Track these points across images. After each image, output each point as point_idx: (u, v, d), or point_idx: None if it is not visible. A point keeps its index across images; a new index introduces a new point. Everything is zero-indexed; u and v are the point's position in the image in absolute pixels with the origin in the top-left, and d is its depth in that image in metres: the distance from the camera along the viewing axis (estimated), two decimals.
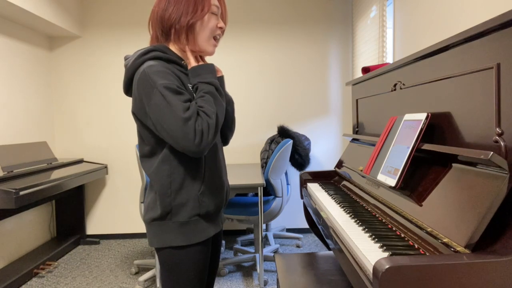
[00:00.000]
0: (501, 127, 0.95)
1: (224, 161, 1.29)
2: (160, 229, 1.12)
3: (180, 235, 1.11)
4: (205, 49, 1.18)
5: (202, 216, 1.14)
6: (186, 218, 1.11)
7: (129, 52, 3.66)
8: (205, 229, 1.14)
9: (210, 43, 1.18)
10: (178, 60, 1.16)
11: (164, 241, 1.11)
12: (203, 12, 1.14)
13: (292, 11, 3.67)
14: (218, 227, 1.21)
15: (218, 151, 1.22)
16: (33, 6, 2.82)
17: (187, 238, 1.11)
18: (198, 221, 1.13)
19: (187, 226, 1.11)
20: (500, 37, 0.94)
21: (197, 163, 1.13)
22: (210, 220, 1.17)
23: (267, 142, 3.40)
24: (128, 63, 1.15)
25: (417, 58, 1.35)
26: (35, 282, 2.75)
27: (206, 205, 1.14)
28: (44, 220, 3.45)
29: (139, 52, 1.13)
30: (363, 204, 1.49)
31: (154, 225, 1.13)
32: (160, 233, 1.12)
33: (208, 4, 1.15)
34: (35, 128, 3.37)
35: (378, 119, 1.83)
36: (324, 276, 1.66)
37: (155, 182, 1.12)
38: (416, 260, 0.80)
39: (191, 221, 1.12)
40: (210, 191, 1.16)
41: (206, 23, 1.15)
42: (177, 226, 1.11)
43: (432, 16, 1.99)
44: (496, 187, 0.85)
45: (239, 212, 2.76)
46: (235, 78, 3.70)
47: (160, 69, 1.06)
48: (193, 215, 1.12)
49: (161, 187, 1.11)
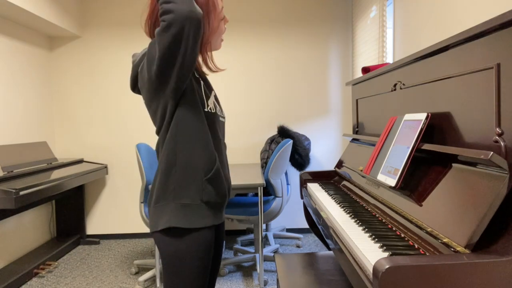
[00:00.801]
0: (501, 127, 0.95)
1: (227, 157, 1.32)
2: (162, 210, 1.11)
3: (182, 217, 1.09)
4: (215, 48, 1.26)
5: (205, 203, 1.13)
6: (189, 201, 1.10)
7: (128, 52, 3.66)
8: (206, 217, 1.13)
9: (219, 42, 1.25)
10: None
11: (166, 221, 1.09)
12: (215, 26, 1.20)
13: (292, 11, 3.67)
14: (220, 220, 1.20)
15: (222, 147, 1.24)
16: (33, 6, 2.82)
17: (188, 221, 1.09)
18: (201, 206, 1.12)
19: (189, 208, 1.10)
20: (500, 37, 0.94)
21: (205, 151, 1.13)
22: (213, 210, 1.16)
23: (267, 142, 3.40)
24: (135, 60, 1.18)
25: (417, 58, 1.35)
26: (35, 282, 2.75)
27: (209, 193, 1.13)
28: (44, 220, 3.45)
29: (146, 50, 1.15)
30: (363, 204, 1.49)
31: (157, 207, 1.12)
32: (162, 214, 1.10)
33: (219, 15, 1.20)
34: (35, 128, 3.37)
35: (378, 119, 1.83)
36: (324, 276, 1.66)
37: (161, 161, 1.12)
38: (416, 260, 0.80)
39: (193, 205, 1.11)
40: (216, 181, 1.15)
41: (219, 31, 1.23)
42: (179, 207, 1.10)
43: (432, 16, 1.99)
44: (496, 187, 0.85)
45: (239, 212, 2.76)
46: (235, 78, 3.70)
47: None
48: (196, 199, 1.11)
49: (166, 165, 1.11)
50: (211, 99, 1.21)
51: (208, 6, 1.16)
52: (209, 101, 1.18)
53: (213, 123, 1.18)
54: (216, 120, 1.20)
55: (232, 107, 3.72)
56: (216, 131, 1.19)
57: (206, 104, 1.16)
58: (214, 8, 1.17)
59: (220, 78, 3.70)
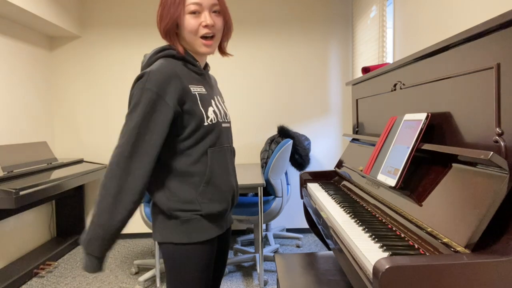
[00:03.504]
0: (501, 127, 0.95)
1: (233, 163, 1.27)
2: (163, 224, 1.14)
3: (181, 233, 1.11)
4: (195, 50, 1.17)
5: (204, 216, 1.14)
6: (187, 216, 1.12)
7: (128, 52, 3.66)
8: (207, 230, 1.14)
9: (198, 43, 1.14)
10: (191, 60, 1.17)
11: (166, 236, 1.13)
12: (173, 17, 1.11)
13: (292, 11, 3.67)
14: (222, 229, 1.20)
15: (226, 153, 1.21)
16: (33, 6, 2.82)
17: (187, 236, 1.11)
18: (200, 220, 1.13)
19: (188, 224, 1.12)
20: (500, 37, 0.94)
21: (198, 163, 1.13)
22: (213, 221, 1.16)
23: (267, 142, 3.40)
24: (144, 61, 1.18)
25: (417, 58, 1.35)
26: (35, 282, 2.75)
27: (207, 206, 1.13)
28: (44, 220, 3.45)
29: (154, 50, 1.16)
30: (363, 204, 1.49)
31: (158, 219, 1.15)
32: (162, 228, 1.14)
33: (179, 6, 1.11)
34: (35, 128, 3.37)
35: (378, 119, 1.83)
36: (324, 276, 1.66)
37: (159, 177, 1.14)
38: (416, 260, 0.80)
39: (192, 220, 1.12)
40: (213, 193, 1.14)
41: (184, 26, 1.12)
42: (178, 223, 1.12)
43: (432, 16, 1.99)
44: (496, 187, 0.85)
45: (239, 212, 2.76)
46: (235, 78, 3.70)
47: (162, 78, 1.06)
48: (194, 214, 1.12)
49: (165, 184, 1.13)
50: (211, 108, 1.16)
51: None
52: (208, 113, 1.14)
53: (213, 133, 1.15)
54: (217, 129, 1.16)
55: (232, 107, 3.72)
56: (217, 140, 1.16)
57: (206, 117, 1.13)
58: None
59: (220, 78, 3.70)
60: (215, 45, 1.18)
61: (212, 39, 1.15)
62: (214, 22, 1.13)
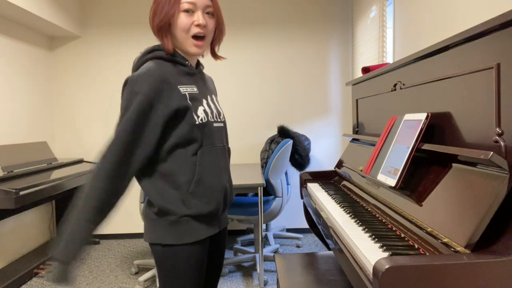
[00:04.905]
0: (501, 127, 0.95)
1: (226, 163, 1.25)
2: (153, 224, 1.14)
3: (169, 234, 1.12)
4: (186, 50, 1.16)
5: (193, 217, 1.13)
6: (176, 217, 1.12)
7: (128, 52, 3.66)
8: (196, 230, 1.13)
9: (188, 43, 1.13)
10: (181, 60, 1.17)
11: (155, 237, 1.13)
12: (167, 14, 1.10)
13: (292, 11, 3.67)
14: (214, 229, 1.19)
15: (218, 153, 1.19)
16: (33, 6, 2.82)
17: (176, 238, 1.11)
18: (189, 221, 1.12)
19: (177, 225, 1.12)
20: (500, 37, 0.94)
21: (188, 164, 1.13)
22: (204, 222, 1.15)
23: (267, 142, 3.40)
24: (134, 61, 1.19)
25: (417, 58, 1.35)
26: (35, 282, 2.75)
27: (195, 206, 1.12)
28: (44, 220, 3.45)
29: (143, 52, 1.16)
30: (363, 204, 1.49)
31: (148, 220, 1.16)
32: (152, 229, 1.14)
33: (174, 4, 1.10)
34: (35, 128, 3.37)
35: (378, 119, 1.83)
36: (324, 276, 1.66)
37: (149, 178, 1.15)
38: (416, 260, 0.80)
39: (181, 221, 1.12)
40: (203, 193, 1.13)
41: (177, 23, 1.11)
42: (167, 224, 1.12)
43: (432, 16, 1.99)
44: (496, 187, 0.85)
45: (239, 212, 2.76)
46: (235, 78, 3.70)
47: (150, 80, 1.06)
48: (182, 215, 1.12)
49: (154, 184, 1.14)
50: (202, 107, 1.16)
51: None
52: (198, 112, 1.13)
53: (203, 133, 1.14)
54: (207, 129, 1.16)
55: (232, 107, 3.72)
56: (207, 140, 1.16)
57: (196, 116, 1.12)
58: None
59: (220, 78, 3.70)
60: (205, 46, 1.17)
61: (203, 40, 1.15)
62: (207, 23, 1.13)
